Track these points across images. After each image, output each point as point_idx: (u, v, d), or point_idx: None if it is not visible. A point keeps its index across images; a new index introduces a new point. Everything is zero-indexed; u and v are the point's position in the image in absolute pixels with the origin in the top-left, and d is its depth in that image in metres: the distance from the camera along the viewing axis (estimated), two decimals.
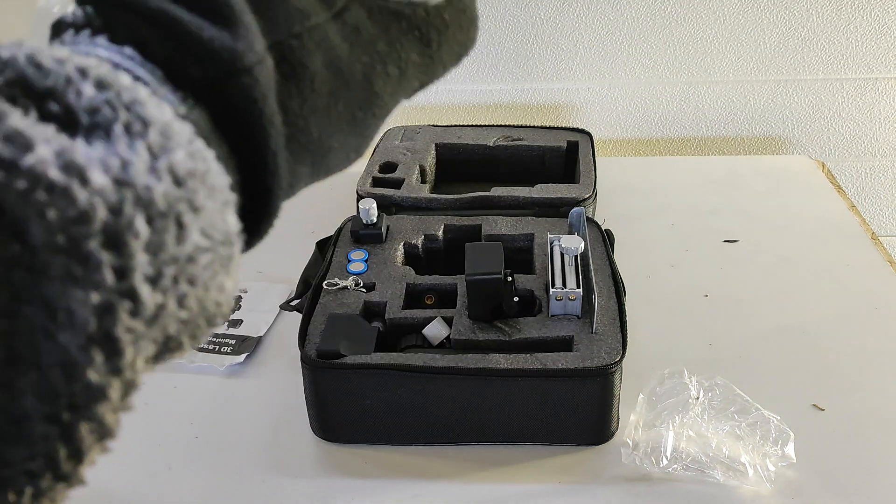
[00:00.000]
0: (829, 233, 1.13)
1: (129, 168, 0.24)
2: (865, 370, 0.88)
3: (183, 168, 0.25)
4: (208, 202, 0.26)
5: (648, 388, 0.78)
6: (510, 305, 0.83)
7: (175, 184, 0.25)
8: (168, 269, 0.25)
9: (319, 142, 0.32)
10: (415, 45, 0.34)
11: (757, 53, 1.39)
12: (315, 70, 0.31)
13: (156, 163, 0.24)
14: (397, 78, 0.34)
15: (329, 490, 0.76)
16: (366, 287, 0.89)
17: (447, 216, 1.01)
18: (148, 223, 0.24)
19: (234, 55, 0.28)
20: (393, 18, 0.33)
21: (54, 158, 0.22)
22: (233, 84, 0.28)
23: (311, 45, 0.31)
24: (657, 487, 0.74)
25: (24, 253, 0.22)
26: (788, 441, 0.74)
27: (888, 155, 1.47)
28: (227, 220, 0.27)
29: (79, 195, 0.22)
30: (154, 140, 0.25)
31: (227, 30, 0.28)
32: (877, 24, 1.36)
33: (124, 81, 0.25)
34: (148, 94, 0.26)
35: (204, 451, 0.80)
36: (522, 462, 0.78)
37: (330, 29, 0.31)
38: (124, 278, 0.24)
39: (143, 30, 0.28)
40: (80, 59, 0.25)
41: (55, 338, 0.23)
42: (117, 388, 0.24)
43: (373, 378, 0.76)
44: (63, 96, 0.24)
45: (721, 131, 1.46)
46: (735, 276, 1.04)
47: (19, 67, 0.25)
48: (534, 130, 1.24)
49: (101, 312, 0.23)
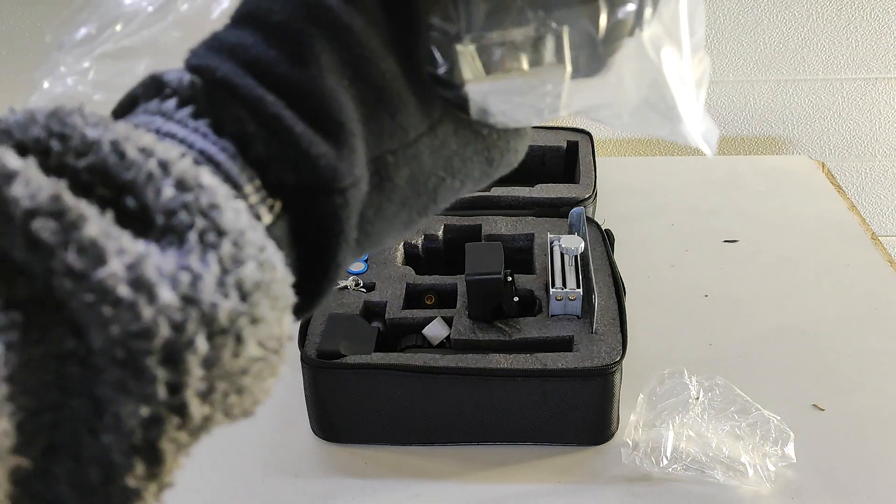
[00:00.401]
0: (829, 233, 1.13)
1: (198, 284, 0.23)
2: (865, 370, 0.88)
3: (251, 282, 0.25)
4: (269, 312, 0.25)
5: (648, 388, 0.78)
6: (510, 305, 0.83)
7: (241, 299, 0.24)
8: (220, 383, 0.25)
9: (375, 243, 0.32)
10: (481, 163, 0.34)
11: (757, 53, 1.39)
12: (398, 184, 0.31)
13: (225, 277, 0.24)
14: (457, 190, 0.34)
15: (329, 490, 0.76)
16: (366, 287, 0.88)
17: (447, 216, 1.01)
18: (208, 340, 0.24)
19: (334, 175, 0.28)
20: (472, 137, 0.33)
21: (125, 273, 0.22)
22: (325, 202, 0.28)
23: (402, 161, 0.31)
24: (657, 487, 0.74)
25: (80, 349, 0.22)
26: (788, 441, 0.74)
27: (888, 155, 1.47)
28: (283, 326, 0.27)
29: (144, 312, 0.22)
30: (226, 252, 0.24)
31: (334, 148, 0.28)
32: (877, 24, 1.36)
33: (206, 181, 0.25)
34: (226, 197, 0.25)
35: (204, 451, 0.80)
36: (522, 462, 0.78)
37: (423, 143, 0.31)
38: (177, 393, 0.23)
39: (251, 128, 0.27)
40: (164, 152, 0.25)
41: (98, 436, 0.23)
42: (153, 491, 0.25)
43: (373, 378, 0.76)
44: (142, 193, 0.24)
45: (721, 131, 1.46)
46: (735, 276, 1.04)
47: (103, 154, 0.24)
48: (534, 130, 1.23)
49: (149, 424, 0.23)
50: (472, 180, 0.34)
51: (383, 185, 0.30)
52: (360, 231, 0.30)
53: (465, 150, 0.33)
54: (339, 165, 0.28)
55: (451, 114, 0.32)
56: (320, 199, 0.28)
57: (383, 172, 0.30)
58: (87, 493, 0.23)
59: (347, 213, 0.29)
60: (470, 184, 0.35)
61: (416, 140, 0.31)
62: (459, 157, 0.33)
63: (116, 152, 0.24)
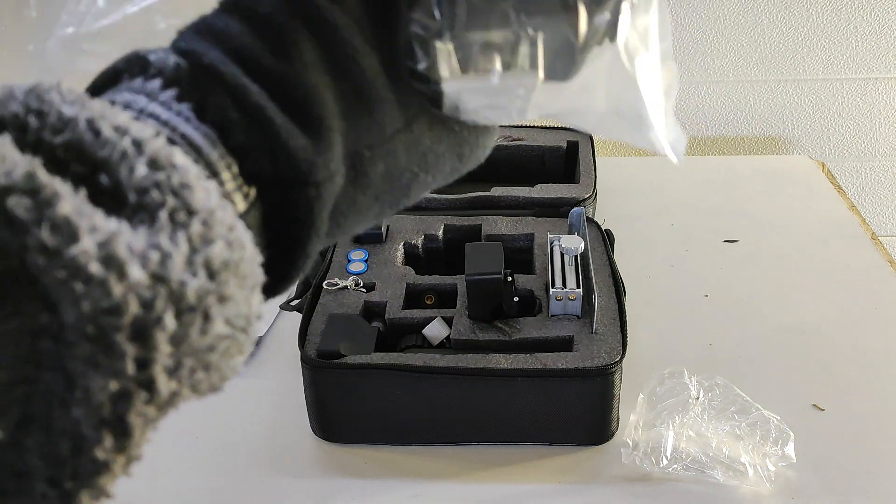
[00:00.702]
0: (829, 233, 1.13)
1: (168, 262, 0.24)
2: (865, 370, 0.88)
3: (219, 261, 0.25)
4: (237, 291, 0.26)
5: (648, 388, 0.78)
6: (510, 305, 0.83)
7: (209, 277, 0.25)
8: (188, 359, 0.25)
9: (347, 231, 0.33)
10: (452, 158, 0.35)
11: (757, 53, 1.39)
12: (373, 179, 0.32)
13: (194, 256, 0.25)
14: (429, 184, 0.35)
15: (329, 490, 0.76)
16: (366, 287, 0.89)
17: (447, 216, 1.01)
18: (176, 318, 0.24)
19: (310, 168, 0.29)
20: (445, 133, 0.34)
21: (96, 250, 0.23)
22: (299, 193, 0.29)
23: (378, 156, 0.31)
24: (657, 487, 0.74)
25: (53, 324, 0.23)
26: (788, 441, 0.74)
27: (888, 155, 1.47)
28: (252, 304, 0.27)
29: (114, 289, 0.23)
30: (196, 231, 0.25)
31: (312, 142, 0.29)
32: (877, 24, 1.36)
33: (178, 161, 0.26)
34: (197, 177, 0.26)
35: (204, 451, 0.80)
36: (522, 462, 0.78)
37: (398, 140, 0.32)
38: (145, 369, 0.24)
39: (233, 115, 0.28)
40: (139, 131, 0.26)
41: (69, 410, 0.24)
42: (121, 463, 0.25)
43: (373, 378, 0.76)
44: (115, 171, 0.25)
45: (721, 131, 1.46)
46: (735, 276, 1.04)
47: (79, 132, 0.25)
48: (534, 130, 1.24)
49: (118, 399, 0.24)
50: (442, 175, 0.35)
51: (358, 179, 0.31)
52: (332, 222, 0.31)
53: (438, 146, 0.34)
54: (315, 159, 0.29)
55: (427, 111, 0.33)
56: (295, 190, 0.29)
57: (359, 167, 0.31)
58: (58, 465, 0.24)
59: (321, 205, 0.29)
60: (440, 178, 0.35)
61: (392, 136, 0.32)
62: (433, 153, 0.34)
63: (92, 130, 0.25)
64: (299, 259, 0.30)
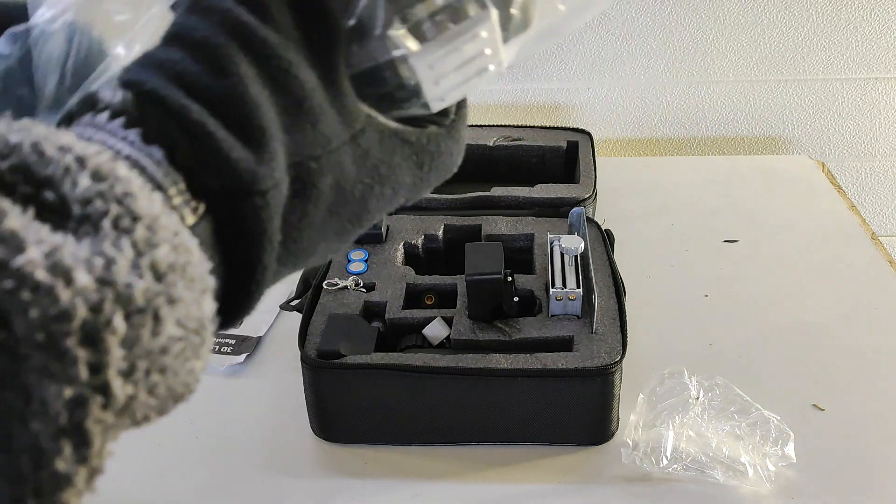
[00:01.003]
0: (829, 233, 1.13)
1: (113, 267, 0.25)
2: (865, 370, 0.88)
3: (165, 263, 0.26)
4: (186, 293, 0.27)
5: (648, 388, 0.78)
6: (510, 305, 0.83)
7: (155, 279, 0.26)
8: (141, 362, 0.26)
9: (307, 250, 0.33)
10: (411, 169, 0.36)
11: (757, 53, 1.39)
12: (322, 190, 0.32)
13: (139, 259, 0.25)
14: (390, 197, 0.36)
15: (329, 490, 0.76)
16: (366, 287, 0.89)
17: (447, 216, 1.01)
18: (126, 319, 0.25)
19: (254, 177, 0.29)
20: (399, 144, 0.35)
21: (43, 259, 0.23)
22: (245, 203, 0.30)
23: (325, 168, 0.32)
24: (657, 487, 0.74)
25: (9, 340, 0.23)
26: (788, 441, 0.74)
27: (888, 155, 1.47)
28: (203, 308, 0.28)
29: (61, 295, 0.23)
30: (140, 236, 0.26)
31: (253, 152, 0.30)
32: (877, 24, 1.36)
33: (121, 172, 0.26)
34: (141, 187, 0.27)
35: (204, 451, 0.80)
36: (522, 462, 0.78)
37: (344, 152, 0.33)
38: (98, 373, 0.24)
39: (176, 135, 0.29)
40: (82, 148, 0.26)
41: (27, 424, 0.24)
42: (83, 476, 0.25)
43: (373, 378, 0.76)
44: (59, 186, 0.26)
45: (721, 131, 1.46)
46: (735, 276, 1.04)
47: (24, 154, 0.26)
48: (534, 130, 1.24)
49: (74, 406, 0.24)
50: (405, 187, 0.36)
51: (307, 191, 0.32)
52: (288, 237, 0.32)
53: (391, 157, 0.35)
54: (258, 168, 0.30)
55: (375, 124, 0.34)
56: (241, 200, 0.30)
57: (306, 178, 0.32)
58: (20, 483, 0.24)
59: (268, 214, 0.30)
60: (404, 191, 0.36)
61: (338, 148, 0.33)
62: (386, 165, 0.34)
63: (36, 152, 0.26)
64: (258, 271, 0.31)
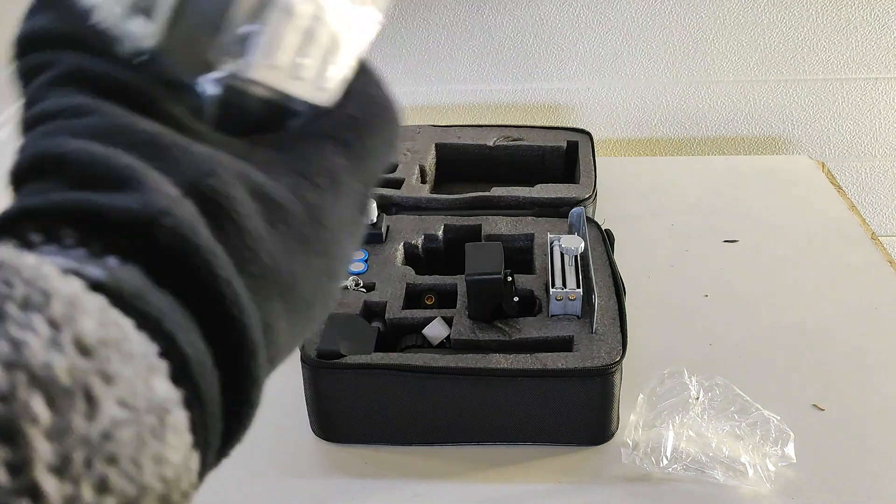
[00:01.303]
0: (829, 233, 1.13)
1: (23, 348, 0.22)
2: (865, 370, 0.88)
3: (92, 337, 0.23)
4: (125, 369, 0.23)
5: (648, 388, 0.78)
6: (510, 305, 0.83)
7: (82, 354, 0.22)
8: (77, 452, 0.22)
9: (277, 269, 0.30)
10: (334, 149, 0.34)
11: (757, 53, 1.39)
12: (241, 199, 0.30)
13: (58, 335, 0.22)
14: (330, 186, 0.33)
15: (329, 490, 0.76)
16: (366, 287, 0.89)
17: (447, 216, 1.01)
18: (48, 404, 0.21)
19: (146, 204, 0.27)
20: (298, 139, 0.33)
21: None
22: (156, 229, 0.27)
23: (229, 178, 0.30)
24: (657, 487, 0.74)
25: None
26: (788, 441, 0.74)
27: (888, 155, 1.47)
28: (154, 386, 0.24)
29: None
30: (57, 311, 0.23)
31: (133, 190, 0.28)
32: (877, 24, 1.36)
33: (27, 261, 0.24)
34: (54, 271, 0.24)
35: None
36: (522, 462, 0.78)
37: (244, 164, 0.31)
38: (22, 473, 0.21)
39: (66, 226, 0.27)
40: None
41: None
42: None
43: (373, 378, 0.76)
44: None
45: (721, 131, 1.46)
46: (735, 276, 1.04)
47: None
48: (534, 130, 1.24)
49: None
50: (343, 170, 0.34)
51: (224, 204, 0.29)
52: (239, 256, 0.29)
53: (298, 149, 0.34)
54: (145, 197, 0.27)
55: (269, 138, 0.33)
56: (153, 231, 0.27)
57: (212, 195, 0.29)
58: None
59: (187, 225, 0.28)
60: (345, 173, 0.34)
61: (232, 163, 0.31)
62: (300, 159, 0.33)
63: None
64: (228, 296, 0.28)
